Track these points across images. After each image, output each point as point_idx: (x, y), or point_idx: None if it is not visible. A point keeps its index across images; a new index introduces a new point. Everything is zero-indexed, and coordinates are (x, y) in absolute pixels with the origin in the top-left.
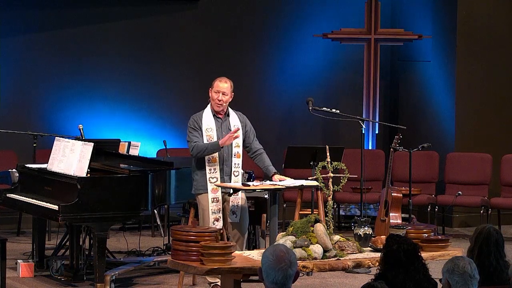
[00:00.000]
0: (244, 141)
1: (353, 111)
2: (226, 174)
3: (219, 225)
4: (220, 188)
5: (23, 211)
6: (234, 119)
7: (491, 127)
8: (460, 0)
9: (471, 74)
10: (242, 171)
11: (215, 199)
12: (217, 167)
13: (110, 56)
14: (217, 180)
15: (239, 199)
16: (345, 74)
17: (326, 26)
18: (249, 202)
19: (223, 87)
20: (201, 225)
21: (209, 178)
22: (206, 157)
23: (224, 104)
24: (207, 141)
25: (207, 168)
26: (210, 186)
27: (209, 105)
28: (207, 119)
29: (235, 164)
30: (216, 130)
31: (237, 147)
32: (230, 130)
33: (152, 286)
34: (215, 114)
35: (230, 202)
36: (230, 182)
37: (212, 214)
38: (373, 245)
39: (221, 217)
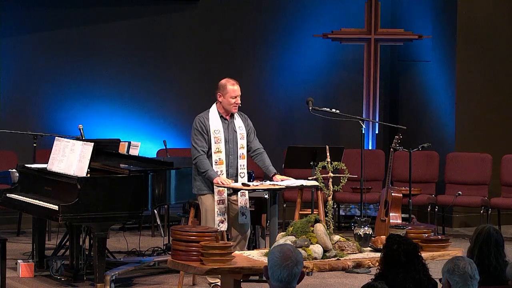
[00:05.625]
0: None
1: (353, 111)
2: (231, 176)
3: (224, 227)
4: (226, 190)
5: (23, 211)
6: (239, 121)
7: (491, 127)
8: (460, 0)
9: (471, 74)
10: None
11: (220, 201)
12: (224, 170)
13: (110, 56)
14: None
15: (246, 200)
16: (345, 74)
17: (326, 26)
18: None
19: (238, 90)
20: (203, 225)
21: None
22: (213, 159)
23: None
24: (215, 142)
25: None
26: (216, 188)
27: (214, 107)
28: (214, 121)
29: (240, 165)
30: (223, 132)
31: (242, 149)
32: (236, 132)
33: (152, 286)
34: (222, 115)
35: (239, 204)
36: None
37: (218, 216)
38: (373, 245)
39: (226, 219)
